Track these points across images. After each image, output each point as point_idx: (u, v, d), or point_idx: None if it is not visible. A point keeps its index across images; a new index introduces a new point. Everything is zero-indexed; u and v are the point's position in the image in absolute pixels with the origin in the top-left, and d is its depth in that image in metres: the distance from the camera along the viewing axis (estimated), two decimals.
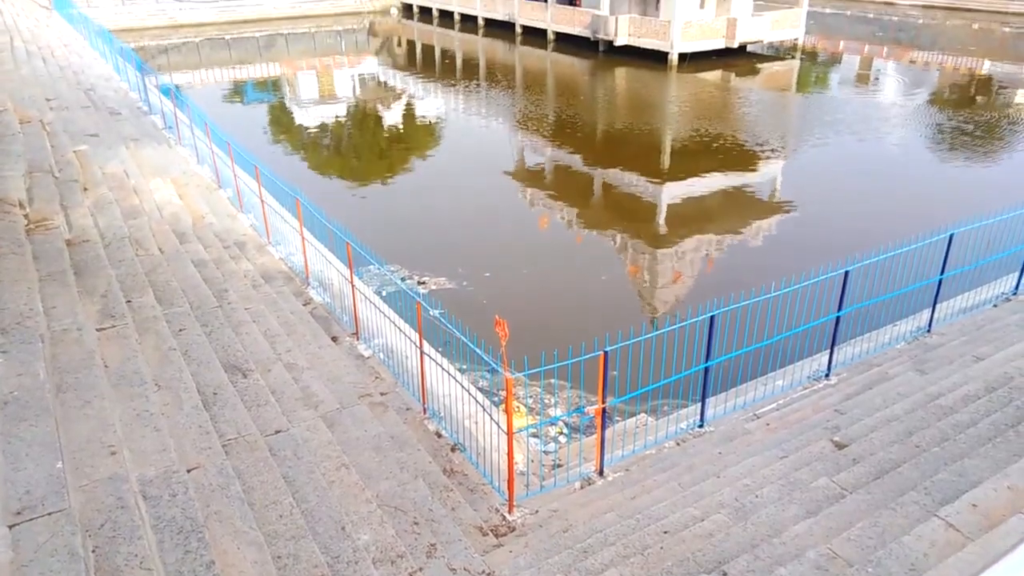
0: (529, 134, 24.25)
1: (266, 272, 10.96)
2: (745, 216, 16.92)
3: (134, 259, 9.39)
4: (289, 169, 20.13)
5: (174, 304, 8.55)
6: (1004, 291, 10.29)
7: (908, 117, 24.74)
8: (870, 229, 15.65)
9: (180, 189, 13.80)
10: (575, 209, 17.72)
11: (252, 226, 12.96)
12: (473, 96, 30.40)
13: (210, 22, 46.42)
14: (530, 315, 12.46)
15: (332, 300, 10.20)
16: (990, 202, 13.58)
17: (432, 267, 13.82)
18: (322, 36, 45.29)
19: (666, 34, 31.68)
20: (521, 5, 40.33)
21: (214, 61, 39.07)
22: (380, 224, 16.90)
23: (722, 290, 8.78)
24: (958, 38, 40.33)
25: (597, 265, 14.78)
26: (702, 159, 20.80)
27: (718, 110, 26.51)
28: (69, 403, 5.48)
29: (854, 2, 52.12)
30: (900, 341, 9.31)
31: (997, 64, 34.13)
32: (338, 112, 28.65)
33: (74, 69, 24.00)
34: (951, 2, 47.68)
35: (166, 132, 18.45)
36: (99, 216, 10.59)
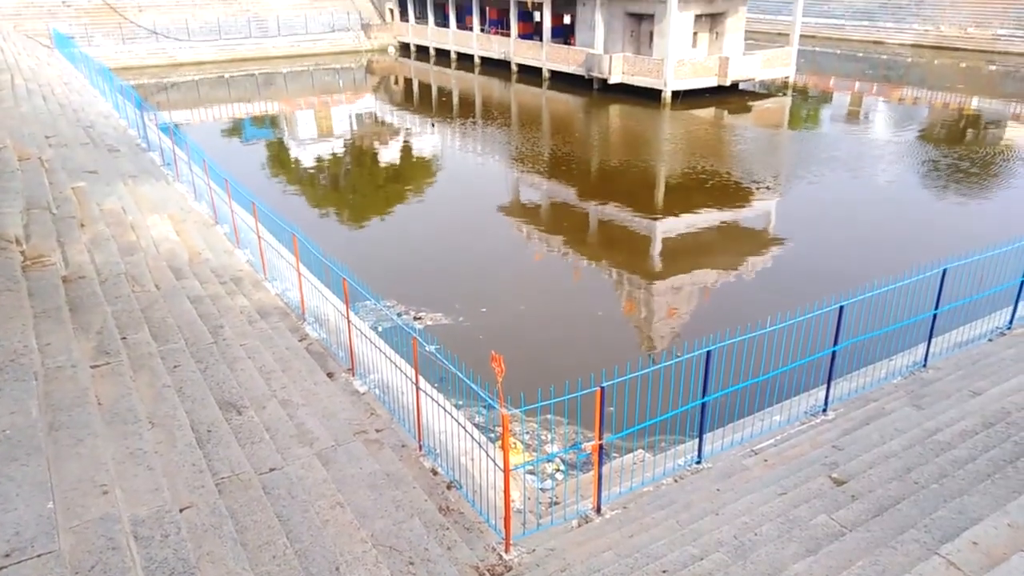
0: (525, 170, 24.46)
1: (262, 308, 10.96)
2: (740, 251, 17.01)
3: (130, 295, 9.39)
4: (286, 205, 20.25)
5: (169, 341, 8.52)
6: (998, 325, 10.32)
7: (899, 153, 25.03)
8: (864, 264, 15.75)
9: (177, 225, 13.85)
10: (571, 244, 17.81)
11: (249, 262, 12.99)
12: (469, 133, 30.73)
13: (209, 60, 47.01)
14: (526, 350, 12.44)
15: (328, 336, 10.18)
16: (982, 237, 13.70)
17: (428, 302, 13.83)
18: (320, 74, 45.87)
19: (659, 72, 32.16)
20: (516, 44, 40.97)
21: (213, 99, 39.49)
22: (377, 259, 16.94)
23: (718, 324, 8.79)
24: (946, 76, 41.02)
25: (593, 300, 14.81)
26: (697, 195, 20.98)
27: (712, 146, 26.81)
28: (61, 441, 5.43)
29: (843, 41, 53.06)
30: (896, 376, 9.31)
31: (985, 101, 34.67)
32: (335, 149, 28.90)
33: (74, 107, 24.22)
34: (939, 41, 48.57)
35: (164, 169, 18.57)
36: (96, 252, 10.60)
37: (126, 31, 46.32)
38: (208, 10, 49.82)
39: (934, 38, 49.03)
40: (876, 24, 52.93)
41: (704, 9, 33.82)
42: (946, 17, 49.51)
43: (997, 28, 46.49)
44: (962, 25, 48.23)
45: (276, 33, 49.96)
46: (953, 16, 49.20)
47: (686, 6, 32.43)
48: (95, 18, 46.64)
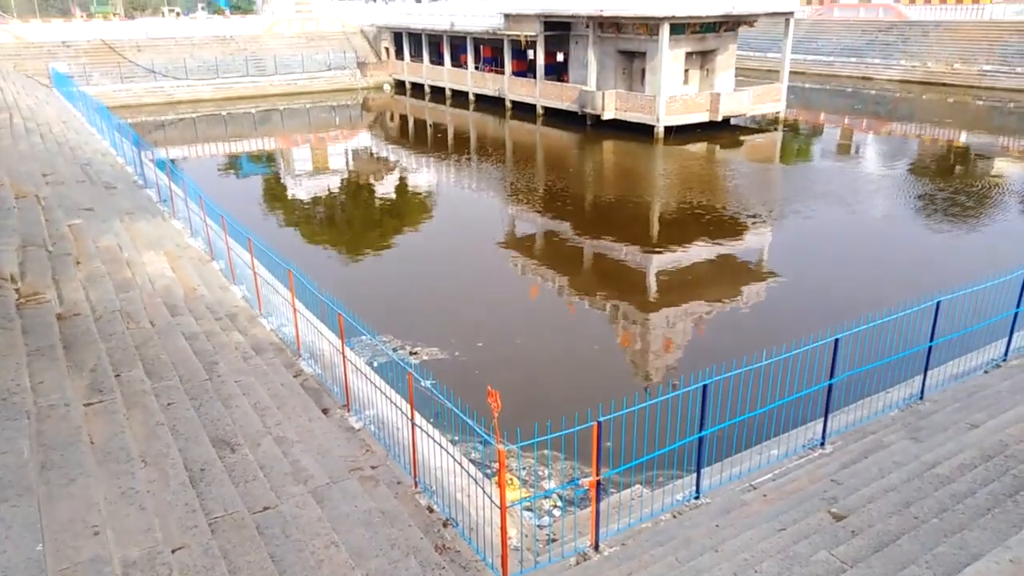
0: (520, 205, 24.62)
1: (257, 344, 10.92)
2: (735, 284, 17.07)
3: (125, 332, 9.36)
4: (283, 240, 20.29)
5: (163, 378, 8.48)
6: (994, 357, 10.33)
7: (891, 186, 25.29)
8: (858, 296, 15.81)
9: (173, 262, 13.86)
10: (566, 278, 17.86)
11: (244, 298, 12.97)
12: (464, 168, 30.98)
13: (207, 98, 47.48)
14: (523, 385, 12.39)
15: (323, 371, 10.13)
16: (974, 269, 13.80)
17: (424, 337, 13.80)
18: (317, 111, 46.32)
19: (652, 108, 32.57)
20: (510, 81, 41.51)
21: (210, 136, 39.80)
22: (373, 294, 16.94)
23: (714, 358, 8.79)
24: (934, 111, 41.63)
25: (589, 334, 14.81)
26: (691, 229, 21.11)
27: (705, 181, 27.06)
28: (53, 481, 5.37)
29: (832, 77, 53.91)
30: (893, 408, 9.29)
31: (973, 135, 35.15)
32: (331, 184, 29.07)
33: (71, 145, 24.38)
34: (926, 77, 49.39)
35: (160, 205, 18.63)
36: (91, 290, 10.59)
37: (124, 70, 46.83)
38: (206, 50, 50.47)
39: (921, 74, 49.86)
40: (864, 60, 53.85)
41: (695, 47, 34.38)
42: (932, 53, 50.43)
43: (983, 64, 47.32)
44: (948, 61, 49.08)
45: (273, 71, 50.55)
46: (939, 52, 50.11)
47: (677, 44, 32.97)
48: (94, 58, 47.18)
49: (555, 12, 36.77)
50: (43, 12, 56.69)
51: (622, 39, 34.99)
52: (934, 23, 52.44)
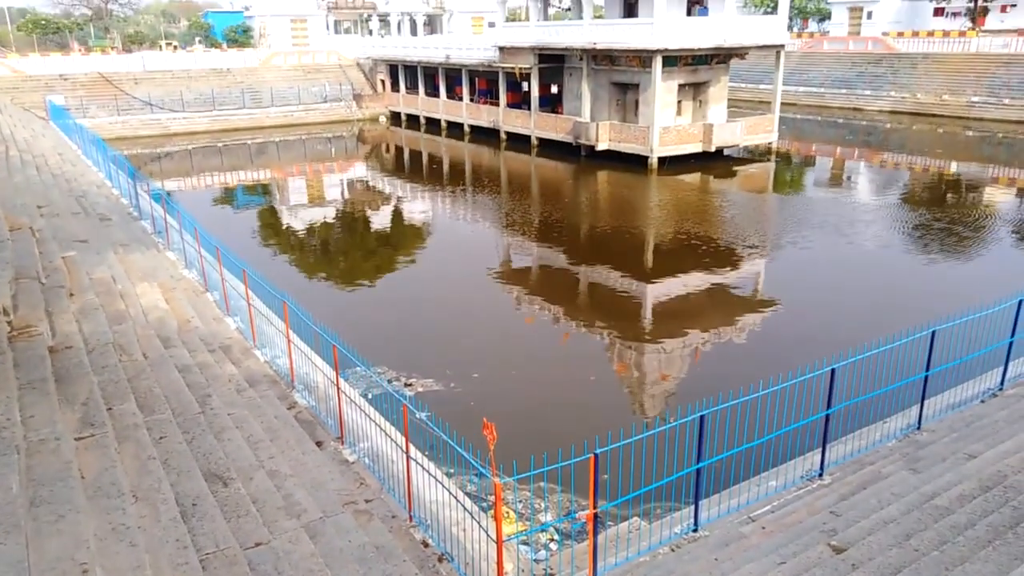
0: (515, 235, 24.70)
1: (251, 376, 10.85)
2: (731, 313, 17.09)
3: (117, 365, 9.29)
4: (277, 271, 20.28)
5: (156, 411, 8.40)
6: (990, 386, 10.32)
7: (883, 216, 25.47)
8: (853, 326, 15.83)
9: (167, 293, 13.81)
10: (562, 308, 17.85)
11: (238, 329, 12.92)
12: (460, 199, 31.12)
13: (203, 130, 47.77)
14: (519, 416, 12.32)
15: (317, 403, 10.06)
16: (969, 297, 13.84)
17: (419, 368, 13.74)
18: (313, 142, 46.61)
19: (645, 139, 32.87)
20: (505, 113, 41.90)
21: (206, 167, 39.97)
22: (368, 325, 16.89)
23: (711, 387, 8.75)
24: (925, 141, 42.10)
25: (585, 364, 14.76)
26: (685, 258, 21.18)
27: (699, 211, 27.22)
28: (42, 518, 5.29)
29: (824, 108, 54.57)
30: (891, 438, 9.25)
31: (964, 165, 35.52)
32: (327, 215, 29.15)
33: (67, 177, 24.44)
34: (915, 108, 50.02)
35: (155, 237, 18.63)
36: (84, 322, 10.53)
37: (121, 103, 47.16)
38: (203, 82, 50.91)
39: (911, 105, 50.50)
40: (854, 92, 54.56)
41: (687, 79, 34.81)
42: (921, 85, 51.13)
43: (971, 95, 47.98)
44: (937, 93, 49.77)
45: (269, 103, 50.97)
46: (928, 84, 50.82)
47: (670, 76, 33.37)
48: (91, 90, 47.54)
49: (549, 45, 37.26)
50: (42, 47, 57.17)
51: (615, 71, 35.42)
52: (922, 55, 53.27)
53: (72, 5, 75.14)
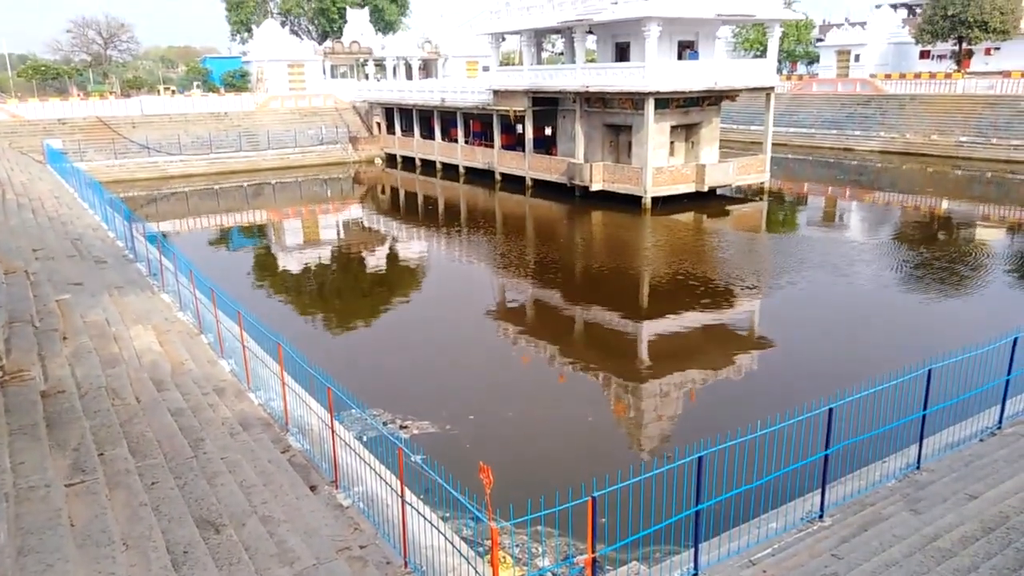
0: (510, 275, 24.75)
1: (244, 419, 10.75)
2: (727, 352, 17.06)
3: (110, 409, 9.20)
4: (272, 312, 20.23)
5: (148, 456, 8.29)
6: (988, 425, 10.28)
7: (877, 254, 25.62)
8: (850, 363, 15.82)
9: (161, 336, 13.76)
10: (558, 348, 17.80)
11: (232, 371, 12.84)
12: (455, 239, 31.25)
13: (200, 173, 48.10)
14: (515, 459, 12.20)
15: (311, 447, 9.95)
16: (964, 335, 13.87)
17: (415, 410, 13.63)
18: (308, 184, 46.93)
19: (639, 180, 33.18)
20: (500, 155, 42.32)
21: (202, 209, 40.13)
22: (363, 366, 16.81)
23: (709, 428, 8.70)
24: (915, 180, 42.60)
25: (582, 405, 14.67)
26: (681, 297, 21.22)
27: (693, 250, 27.36)
28: (29, 568, 5.18)
29: (814, 148, 55.29)
30: (891, 478, 9.17)
31: (954, 203, 35.90)
32: (322, 256, 29.22)
33: (63, 220, 24.50)
34: (905, 148, 50.72)
35: (150, 279, 18.62)
36: (77, 366, 10.46)
37: (118, 146, 47.53)
38: (200, 126, 51.42)
39: (900, 145, 51.22)
40: (844, 132, 55.36)
41: (679, 120, 35.29)
42: (910, 125, 51.93)
43: (959, 135, 48.73)
44: (926, 133, 50.53)
45: (266, 146, 51.43)
46: (917, 125, 51.62)
47: (662, 117, 33.84)
48: (89, 134, 47.94)
49: (543, 88, 37.82)
50: (41, 92, 57.80)
51: (608, 113, 35.91)
52: (910, 96, 54.22)
53: (72, 51, 76.28)
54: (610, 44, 36.98)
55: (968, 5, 54.28)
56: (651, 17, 31.03)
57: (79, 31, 74.37)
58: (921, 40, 59.69)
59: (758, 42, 68.04)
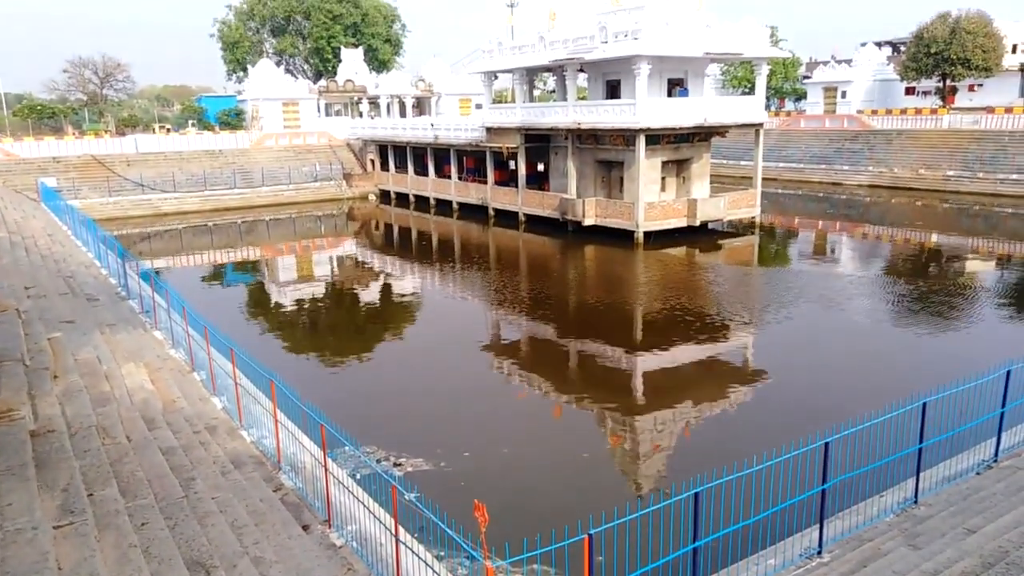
0: (505, 310, 24.76)
1: (236, 457, 10.63)
2: (722, 386, 17.03)
3: (100, 449, 9.09)
4: (265, 349, 20.14)
5: (138, 496, 8.18)
6: (984, 458, 10.25)
7: (868, 287, 25.76)
8: (845, 395, 15.80)
9: (152, 373, 13.66)
10: (552, 383, 17.74)
11: (224, 409, 12.73)
12: (449, 274, 31.30)
13: (194, 210, 48.22)
14: (511, 496, 12.08)
15: (304, 485, 9.84)
16: (958, 366, 13.89)
17: (409, 447, 13.51)
18: (303, 221, 47.08)
19: (631, 215, 33.43)
20: (493, 190, 42.63)
21: (196, 246, 40.17)
22: (357, 402, 16.69)
23: (705, 462, 8.65)
24: (904, 214, 43.03)
25: (578, 440, 14.58)
26: (675, 331, 21.24)
27: (686, 284, 27.47)
28: None
29: (804, 183, 55.88)
30: (889, 513, 9.10)
31: (943, 236, 36.23)
32: (316, 292, 29.20)
33: (56, 258, 24.46)
34: (893, 182, 51.34)
35: (143, 316, 18.54)
36: (67, 404, 10.36)
37: (113, 184, 47.69)
38: (195, 163, 51.70)
39: (888, 179, 51.86)
40: (833, 167, 56.05)
41: (670, 156, 35.69)
42: (897, 160, 52.65)
43: (946, 170, 49.39)
44: (914, 167, 51.21)
45: (260, 183, 51.69)
46: (904, 159, 52.34)
47: (653, 153, 34.22)
48: (83, 172, 48.13)
49: (535, 125, 38.25)
50: (36, 131, 58.09)
51: (600, 149, 36.31)
52: (896, 132, 55.08)
53: (68, 90, 76.88)
54: (601, 82, 37.53)
55: (951, 43, 55.46)
56: (641, 56, 31.57)
57: (75, 71, 75.02)
58: (906, 77, 60.84)
59: (746, 79, 69.15)
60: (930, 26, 57.28)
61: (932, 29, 56.88)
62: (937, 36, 56.14)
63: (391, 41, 75.26)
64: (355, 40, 69.72)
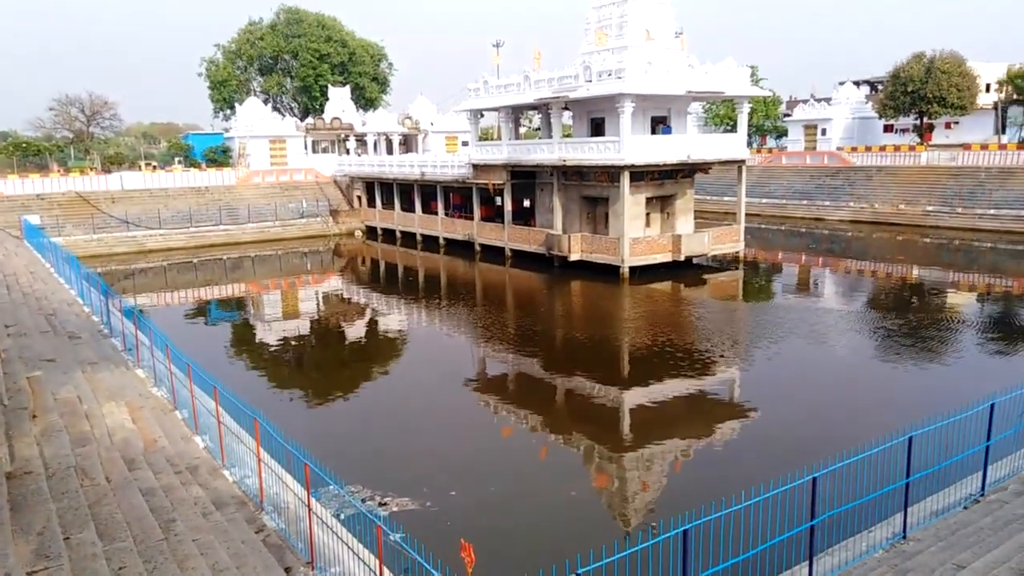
0: (491, 346, 24.69)
1: (218, 498, 10.44)
2: (709, 421, 16.99)
3: (78, 490, 8.91)
4: (250, 387, 19.92)
5: (116, 539, 8.00)
6: (971, 492, 10.25)
7: (852, 321, 25.93)
8: (832, 429, 15.80)
9: (134, 412, 13.47)
10: (539, 418, 17.63)
11: (207, 448, 12.54)
12: (435, 310, 31.25)
13: (179, 247, 48.04)
14: (498, 535, 11.91)
15: (287, 525, 9.66)
16: (942, 402, 13.95)
17: (395, 486, 13.33)
18: (289, 257, 46.98)
19: (616, 250, 33.64)
20: (479, 226, 42.82)
21: (180, 283, 39.94)
22: (342, 440, 16.50)
23: (693, 498, 8.58)
24: (886, 248, 43.55)
25: (565, 478, 14.45)
26: (661, 366, 21.23)
27: (672, 319, 27.55)
28: None
29: (786, 218, 56.54)
30: (878, 548, 9.05)
31: (924, 270, 36.65)
32: (301, 328, 29.02)
33: (37, 295, 24.23)
34: (874, 217, 52.06)
35: (125, 355, 18.34)
36: (45, 445, 10.18)
37: (97, 221, 47.52)
38: (180, 200, 51.67)
39: (869, 214, 52.58)
40: (815, 203, 56.81)
41: (655, 192, 36.07)
42: (878, 196, 53.47)
43: (926, 205, 50.19)
44: (894, 203, 51.99)
45: (246, 220, 51.68)
46: (884, 195, 53.17)
47: (638, 190, 34.58)
48: (67, 209, 47.96)
49: (521, 162, 38.62)
50: (21, 168, 57.94)
51: (585, 186, 36.65)
52: (876, 168, 56.06)
53: (54, 128, 76.90)
54: (586, 119, 38.05)
55: (926, 82, 56.81)
56: (625, 94, 32.07)
57: (62, 108, 75.15)
58: (884, 115, 62.16)
59: (728, 117, 70.35)
60: (906, 65, 58.74)
61: (908, 68, 58.31)
62: (913, 75, 57.54)
63: (378, 79, 76.08)
64: (342, 79, 70.42)
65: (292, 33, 70.49)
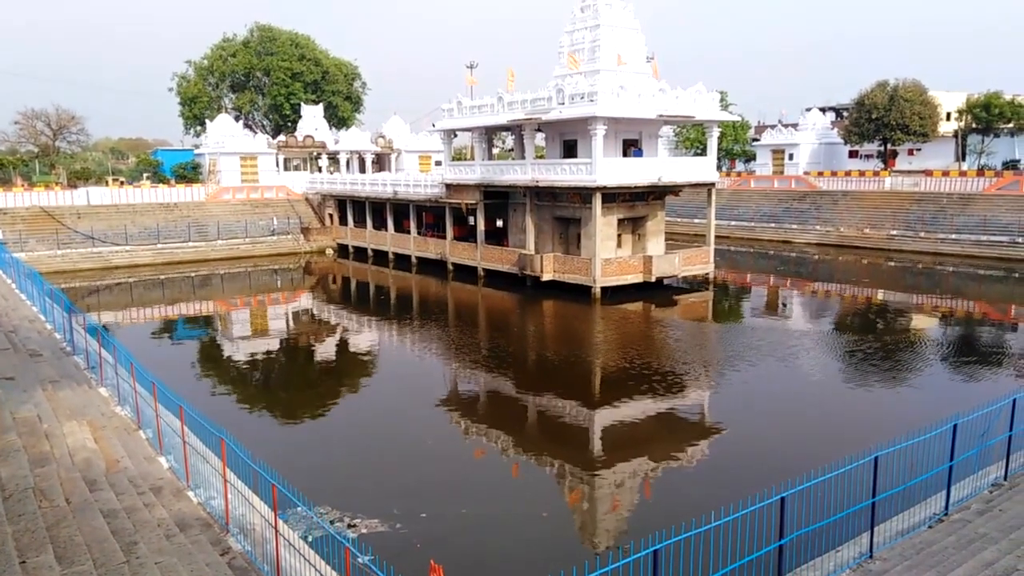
0: (463, 365, 24.61)
1: (182, 520, 10.22)
2: (680, 441, 17.07)
3: (36, 512, 8.67)
4: (216, 407, 19.60)
5: (75, 562, 7.79)
6: (936, 511, 10.40)
7: (819, 341, 26.31)
8: (799, 450, 15.97)
9: (96, 432, 13.16)
10: (511, 438, 17.57)
11: (171, 469, 12.29)
12: (406, 329, 31.09)
13: (146, 263, 47.33)
14: (469, 557, 11.81)
15: (253, 548, 9.48)
16: (907, 421, 14.19)
17: (364, 507, 13.17)
18: (258, 274, 46.50)
19: (588, 271, 33.83)
20: (452, 246, 42.82)
21: (146, 300, 39.30)
22: (310, 461, 16.26)
23: (665, 518, 8.59)
24: (851, 271, 44.36)
25: (537, 498, 14.39)
26: (632, 386, 21.31)
27: (643, 339, 27.72)
28: None
29: (755, 241, 57.38)
30: (845, 568, 9.13)
31: (889, 293, 37.37)
32: (270, 347, 28.66)
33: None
34: (840, 240, 53.02)
35: (88, 373, 17.95)
36: (2, 466, 9.91)
37: (62, 236, 46.67)
38: (148, 216, 50.98)
39: (835, 238, 53.55)
40: (782, 226, 57.75)
41: (626, 214, 36.41)
42: (843, 220, 54.52)
43: (890, 229, 51.28)
44: (859, 226, 53.04)
45: (216, 236, 51.11)
46: (850, 219, 54.23)
47: (609, 211, 34.88)
48: (31, 224, 47.06)
49: (494, 182, 38.78)
50: None
51: (558, 206, 36.88)
52: (842, 192, 57.22)
53: (18, 142, 75.56)
54: (558, 141, 38.37)
55: (890, 110, 58.31)
56: (597, 117, 32.43)
57: (27, 122, 73.94)
58: (849, 140, 63.63)
59: (698, 140, 71.42)
60: (870, 93, 60.27)
61: (872, 96, 59.82)
62: (877, 103, 59.04)
63: (351, 98, 76.09)
64: (315, 97, 70.32)
65: (265, 51, 70.34)
